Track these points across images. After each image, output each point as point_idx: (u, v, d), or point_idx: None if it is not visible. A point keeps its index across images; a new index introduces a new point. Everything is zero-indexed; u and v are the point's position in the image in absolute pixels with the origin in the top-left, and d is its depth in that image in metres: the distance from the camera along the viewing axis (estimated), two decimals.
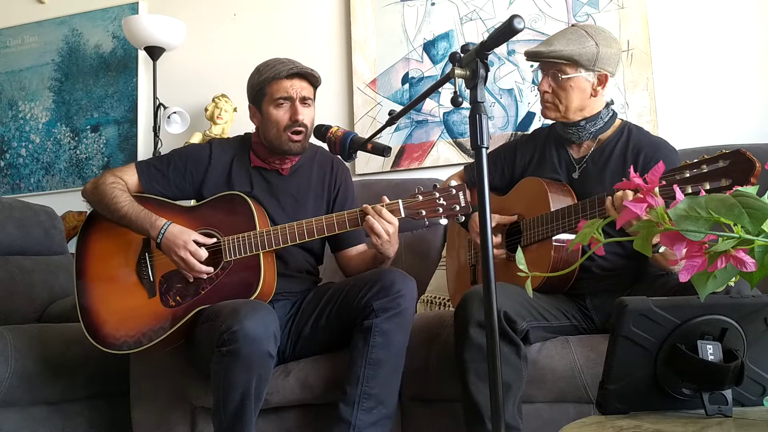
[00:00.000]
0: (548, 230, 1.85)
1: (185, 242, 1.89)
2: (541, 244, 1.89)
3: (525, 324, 1.75)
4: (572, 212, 1.79)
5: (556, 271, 1.82)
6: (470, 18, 3.05)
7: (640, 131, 2.01)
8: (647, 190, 0.88)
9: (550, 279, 1.82)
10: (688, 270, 0.83)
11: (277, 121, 1.99)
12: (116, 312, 1.98)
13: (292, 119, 1.98)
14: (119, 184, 2.01)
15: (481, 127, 1.19)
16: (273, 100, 1.98)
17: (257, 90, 2.00)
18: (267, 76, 1.98)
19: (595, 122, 1.93)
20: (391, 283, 1.83)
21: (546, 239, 1.86)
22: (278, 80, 1.97)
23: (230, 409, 1.74)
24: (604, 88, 1.90)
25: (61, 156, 3.58)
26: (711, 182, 1.45)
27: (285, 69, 1.98)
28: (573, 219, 1.78)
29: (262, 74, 2.00)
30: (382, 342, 1.81)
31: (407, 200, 1.82)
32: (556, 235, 1.83)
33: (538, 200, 1.92)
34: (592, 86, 1.89)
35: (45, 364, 2.25)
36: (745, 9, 2.70)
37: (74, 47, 3.65)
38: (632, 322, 1.07)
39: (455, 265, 2.29)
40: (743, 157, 1.42)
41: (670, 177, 1.51)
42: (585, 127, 1.93)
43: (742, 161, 1.42)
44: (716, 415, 1.06)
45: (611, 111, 1.96)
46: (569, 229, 1.79)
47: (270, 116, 1.99)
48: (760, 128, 2.61)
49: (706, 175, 1.46)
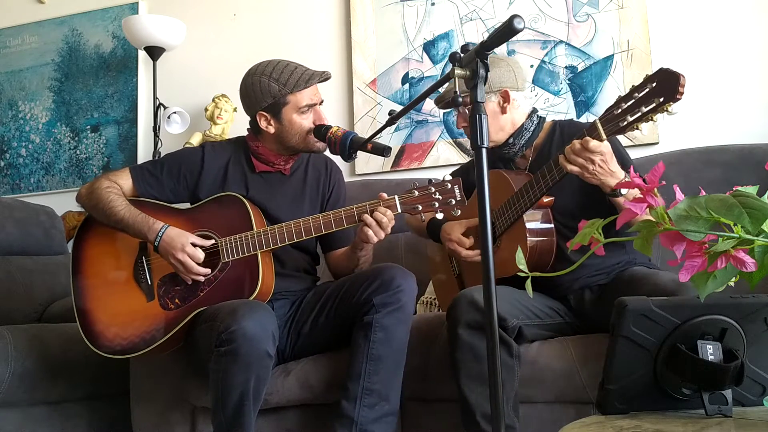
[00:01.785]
0: (517, 209, 1.88)
1: (183, 245, 1.89)
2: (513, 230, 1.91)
3: (516, 321, 1.77)
4: (533, 184, 1.83)
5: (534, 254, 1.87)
6: (470, 18, 3.05)
7: (571, 123, 2.09)
8: (647, 190, 0.88)
9: (532, 260, 1.86)
10: (688, 270, 0.83)
11: (302, 128, 1.98)
12: (115, 316, 1.98)
13: (316, 124, 1.99)
14: (114, 189, 2.00)
15: (481, 127, 1.19)
16: (298, 109, 1.96)
17: (276, 99, 1.96)
18: (291, 85, 1.94)
19: (521, 135, 1.99)
20: (391, 279, 1.84)
21: (518, 219, 1.89)
22: (304, 90, 1.96)
23: (229, 409, 1.74)
24: (510, 104, 1.96)
25: (61, 156, 3.58)
26: (645, 105, 1.52)
27: (309, 77, 1.96)
28: (536, 190, 1.82)
29: (281, 82, 1.95)
30: (383, 337, 1.81)
31: (403, 196, 1.82)
32: (525, 211, 1.87)
33: (501, 187, 1.95)
34: (499, 105, 1.96)
35: (45, 364, 2.25)
36: (745, 9, 2.70)
37: (74, 47, 3.65)
38: (632, 322, 1.07)
39: (442, 281, 2.30)
40: (666, 72, 1.48)
41: (608, 114, 1.60)
42: (514, 143, 1.99)
43: (667, 77, 1.48)
44: (716, 415, 1.06)
45: (537, 118, 2.02)
46: (535, 202, 1.84)
47: (294, 124, 1.98)
48: (761, 128, 2.60)
49: (639, 100, 1.53)
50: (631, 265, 1.91)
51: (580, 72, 2.86)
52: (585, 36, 2.87)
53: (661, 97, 1.48)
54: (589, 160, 1.66)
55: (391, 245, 2.63)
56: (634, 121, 1.55)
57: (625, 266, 1.90)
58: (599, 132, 1.63)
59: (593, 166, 1.66)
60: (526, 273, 0.98)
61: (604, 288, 1.90)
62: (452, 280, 2.21)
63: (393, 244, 2.66)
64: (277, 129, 2.01)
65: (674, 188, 0.91)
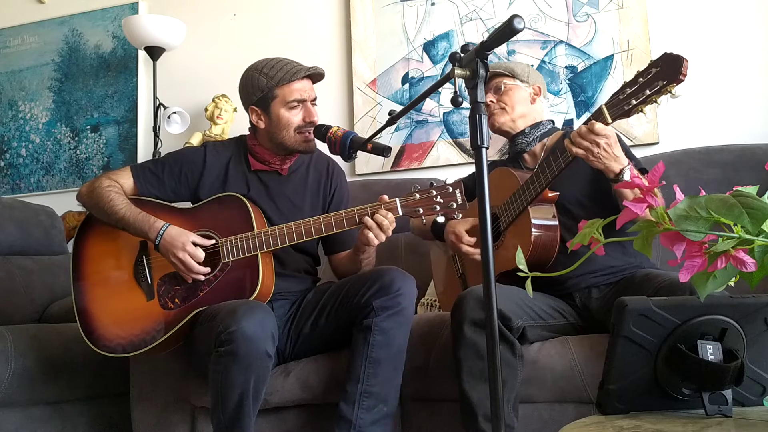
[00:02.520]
0: (522, 201, 1.90)
1: (183, 244, 1.89)
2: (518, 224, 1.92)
3: (520, 322, 1.77)
4: (539, 174, 1.86)
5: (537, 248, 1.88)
6: (470, 18, 3.05)
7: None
8: (647, 190, 0.88)
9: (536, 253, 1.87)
10: (688, 270, 0.83)
11: (289, 123, 1.98)
12: (114, 315, 1.98)
13: (306, 120, 1.99)
14: (115, 188, 2.00)
15: (481, 127, 1.19)
16: (285, 103, 1.97)
17: (265, 92, 1.98)
18: (278, 78, 1.96)
19: (538, 128, 2.08)
20: (391, 282, 1.83)
21: (522, 212, 1.91)
22: (291, 83, 1.96)
23: (229, 410, 1.74)
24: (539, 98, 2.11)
25: (61, 156, 3.58)
26: (650, 89, 1.58)
27: (297, 71, 1.97)
28: (542, 179, 1.85)
29: (269, 76, 1.97)
30: (382, 340, 1.81)
31: (405, 198, 1.82)
32: (530, 203, 1.89)
33: (506, 183, 1.97)
34: (531, 95, 2.10)
35: (45, 364, 2.25)
36: (745, 9, 2.70)
37: (74, 47, 3.65)
38: (632, 322, 1.07)
39: (445, 281, 2.30)
40: (670, 56, 1.55)
41: (613, 99, 1.65)
42: (530, 132, 2.07)
43: (670, 61, 1.54)
44: (716, 415, 1.05)
45: (551, 123, 2.13)
46: (541, 192, 1.87)
47: (281, 119, 1.98)
48: (761, 128, 2.60)
49: (643, 85, 1.59)
50: (640, 268, 1.92)
51: (580, 72, 2.86)
52: (585, 36, 2.87)
53: (664, 79, 1.54)
54: (594, 143, 1.69)
55: (392, 245, 2.63)
56: (639, 104, 1.60)
57: (635, 269, 1.91)
58: (605, 116, 1.67)
59: (598, 149, 1.70)
60: (526, 273, 0.98)
61: (611, 287, 1.89)
62: (455, 280, 2.21)
63: (393, 244, 2.66)
64: (267, 124, 2.01)
65: (674, 188, 0.91)
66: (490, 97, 2.08)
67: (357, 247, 1.98)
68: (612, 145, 1.70)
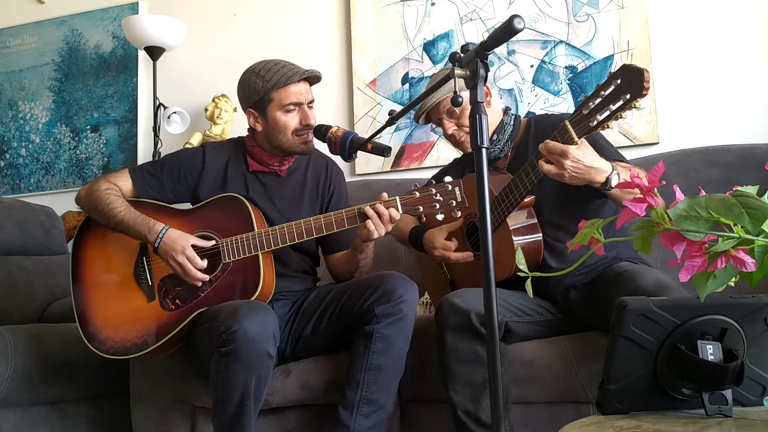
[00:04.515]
0: (501, 212, 1.85)
1: (183, 247, 1.89)
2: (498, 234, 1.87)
3: (501, 317, 1.78)
4: (513, 187, 1.81)
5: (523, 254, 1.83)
6: (470, 18, 3.04)
7: (546, 116, 2.08)
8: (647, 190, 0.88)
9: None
10: (688, 270, 0.83)
11: (286, 126, 1.98)
12: (115, 317, 1.97)
13: (302, 123, 1.99)
14: (114, 190, 2.00)
15: (481, 127, 1.19)
16: (282, 106, 1.97)
17: (261, 95, 1.98)
18: (274, 81, 1.96)
19: (503, 130, 1.99)
20: (393, 289, 1.84)
21: (501, 224, 1.87)
22: (287, 86, 1.96)
23: (230, 410, 1.74)
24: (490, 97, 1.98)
25: (61, 156, 3.58)
26: (613, 103, 1.50)
27: (293, 74, 1.96)
28: (516, 192, 1.80)
29: (266, 79, 1.96)
30: (383, 347, 1.81)
31: (404, 197, 1.82)
32: (508, 215, 1.85)
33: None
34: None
35: (45, 364, 2.25)
36: (745, 9, 2.70)
37: (74, 47, 3.65)
38: (632, 322, 1.07)
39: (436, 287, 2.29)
40: (630, 69, 1.48)
41: (577, 115, 1.56)
42: (498, 139, 1.99)
43: (631, 73, 1.47)
44: (716, 415, 1.05)
45: (512, 115, 2.03)
46: (516, 204, 1.81)
47: (278, 121, 1.98)
48: (761, 128, 2.60)
49: (606, 98, 1.51)
50: (616, 261, 1.88)
51: (580, 72, 2.86)
52: (585, 36, 2.87)
53: (627, 93, 1.47)
54: (558, 164, 1.59)
55: (392, 247, 2.63)
56: (604, 120, 1.52)
57: (610, 262, 1.87)
58: (570, 134, 1.57)
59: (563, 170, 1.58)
60: (527, 273, 0.98)
61: (589, 285, 1.87)
62: (444, 285, 2.20)
63: (393, 244, 2.65)
64: (264, 127, 2.01)
65: (674, 188, 0.91)
66: (451, 125, 1.98)
67: (356, 246, 1.98)
68: (580, 158, 1.57)
